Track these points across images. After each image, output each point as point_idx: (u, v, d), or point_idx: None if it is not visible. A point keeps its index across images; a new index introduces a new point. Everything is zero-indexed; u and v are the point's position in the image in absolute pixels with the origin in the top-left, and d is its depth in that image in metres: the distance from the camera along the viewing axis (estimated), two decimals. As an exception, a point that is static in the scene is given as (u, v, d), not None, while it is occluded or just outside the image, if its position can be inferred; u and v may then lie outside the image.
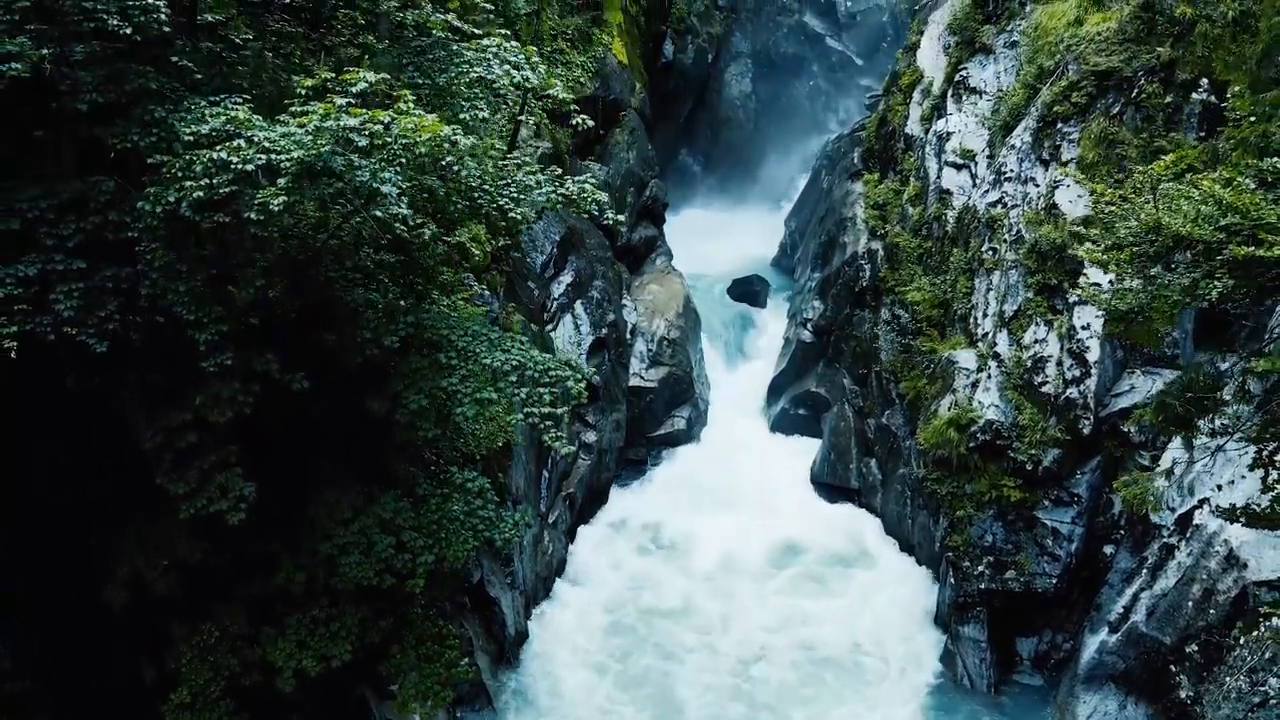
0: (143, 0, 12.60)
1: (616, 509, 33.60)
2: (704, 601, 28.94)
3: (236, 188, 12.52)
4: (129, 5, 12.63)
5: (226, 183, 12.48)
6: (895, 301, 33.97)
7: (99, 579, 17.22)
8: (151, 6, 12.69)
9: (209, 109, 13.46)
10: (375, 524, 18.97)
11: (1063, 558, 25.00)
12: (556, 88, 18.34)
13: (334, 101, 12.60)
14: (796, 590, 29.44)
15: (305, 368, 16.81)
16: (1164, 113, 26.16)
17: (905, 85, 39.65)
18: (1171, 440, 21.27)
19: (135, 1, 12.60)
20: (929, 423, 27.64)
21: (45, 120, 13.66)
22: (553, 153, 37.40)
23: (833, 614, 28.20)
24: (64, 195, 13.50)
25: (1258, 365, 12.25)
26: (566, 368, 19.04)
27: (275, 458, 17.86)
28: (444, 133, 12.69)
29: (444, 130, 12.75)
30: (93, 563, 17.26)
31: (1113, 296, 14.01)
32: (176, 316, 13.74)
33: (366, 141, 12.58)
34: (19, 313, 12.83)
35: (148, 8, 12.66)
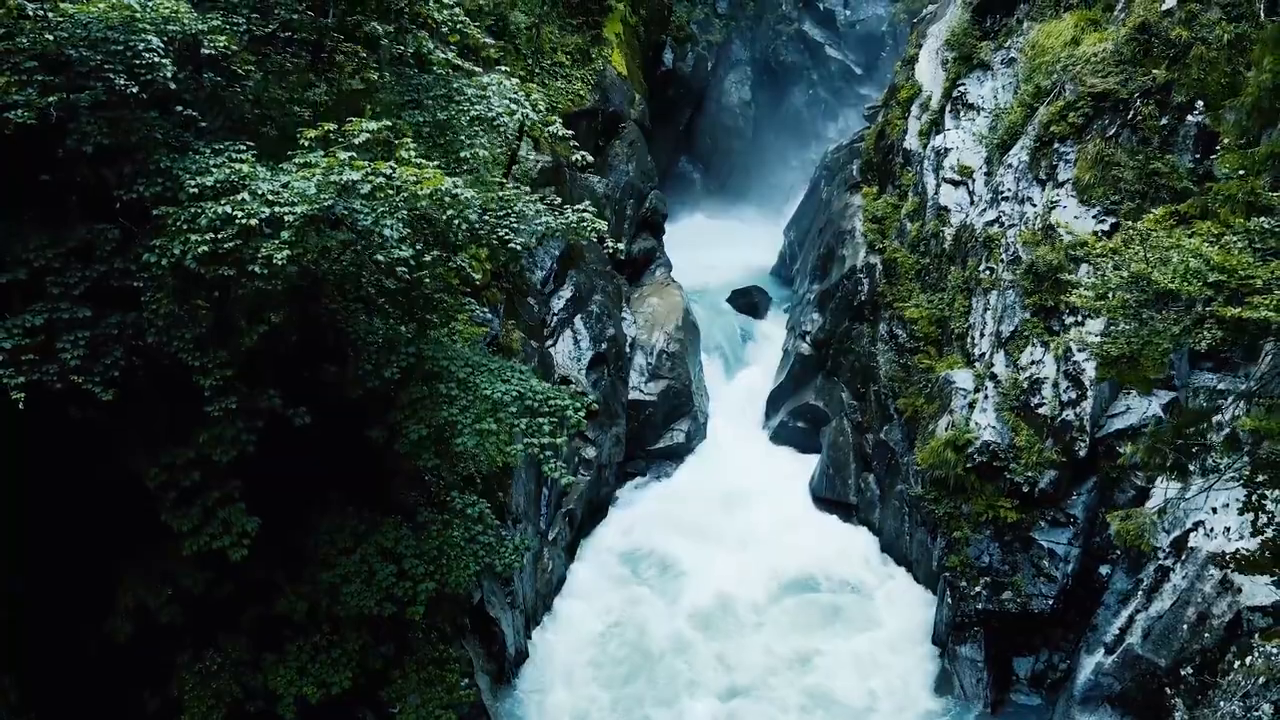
0: (149, 59, 12.76)
1: (616, 525, 33.69)
2: (701, 629, 28.83)
3: (241, 242, 12.70)
4: (136, 65, 12.80)
5: (231, 237, 12.65)
6: (893, 317, 34.14)
7: (103, 610, 17.36)
8: (157, 65, 12.84)
9: (213, 158, 13.63)
10: (376, 552, 19.18)
11: (1059, 579, 25.15)
12: (556, 124, 18.49)
13: (337, 155, 12.75)
14: (794, 616, 29.38)
15: (307, 399, 16.99)
16: (1159, 135, 26.30)
17: (904, 99, 39.82)
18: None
19: (142, 60, 12.76)
20: (926, 443, 27.81)
21: (51, 164, 13.83)
22: (553, 166, 37.61)
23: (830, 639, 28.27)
24: (70, 242, 13.68)
25: (1245, 423, 12.40)
26: (566, 396, 19.21)
27: (276, 487, 18.02)
28: (445, 186, 12.85)
29: (445, 183, 12.89)
30: (97, 594, 17.41)
31: (1103, 341, 14.17)
32: (181, 361, 13.91)
33: (369, 189, 12.73)
34: (26, 363, 13.03)
35: (154, 66, 12.81)
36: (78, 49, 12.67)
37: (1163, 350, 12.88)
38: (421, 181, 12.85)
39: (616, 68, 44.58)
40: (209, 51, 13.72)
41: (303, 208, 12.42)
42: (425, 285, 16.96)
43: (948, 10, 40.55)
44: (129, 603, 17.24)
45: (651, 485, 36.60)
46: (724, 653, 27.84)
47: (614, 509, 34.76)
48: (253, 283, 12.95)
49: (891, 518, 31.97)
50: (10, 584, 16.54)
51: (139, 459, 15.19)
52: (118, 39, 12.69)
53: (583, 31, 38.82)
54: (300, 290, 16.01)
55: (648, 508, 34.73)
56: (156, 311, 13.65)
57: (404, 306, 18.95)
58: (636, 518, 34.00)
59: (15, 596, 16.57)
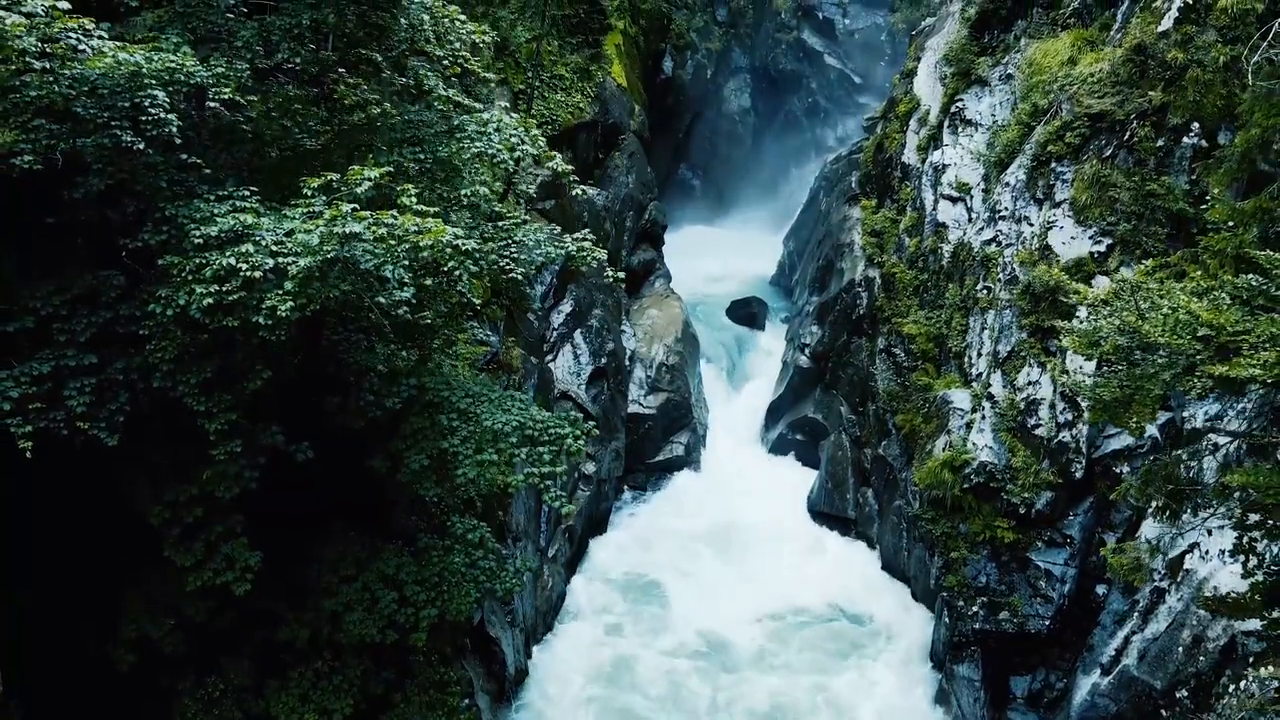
0: (155, 114, 12.90)
1: (615, 542, 33.78)
2: (697, 658, 28.72)
3: (245, 293, 12.85)
4: (142, 120, 12.95)
5: (236, 289, 12.80)
6: (892, 332, 34.29)
7: (106, 635, 17.51)
8: (164, 120, 12.99)
9: (217, 206, 13.77)
10: (378, 579, 19.34)
11: (1055, 600, 25.29)
12: (556, 160, 18.62)
13: (340, 207, 12.90)
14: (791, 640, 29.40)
15: (308, 429, 17.14)
16: (1156, 156, 26.42)
17: (902, 113, 39.96)
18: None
19: (148, 115, 12.91)
20: (924, 463, 27.96)
21: (57, 207, 13.97)
22: (552, 179, 37.75)
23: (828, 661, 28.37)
24: (76, 289, 13.83)
25: (1233, 478, 12.56)
26: (565, 424, 19.33)
27: (278, 518, 18.17)
28: (446, 238, 12.99)
29: (446, 235, 13.03)
30: (101, 623, 17.55)
31: (1096, 383, 14.32)
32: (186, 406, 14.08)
33: (372, 240, 12.88)
34: (34, 411, 13.19)
35: (160, 121, 12.96)
36: (84, 105, 12.82)
37: (1154, 396, 13.05)
38: (424, 232, 13.00)
39: (616, 79, 44.72)
40: (214, 104, 13.86)
41: (306, 260, 12.57)
42: (426, 317, 17.08)
43: (946, 24, 40.73)
44: (132, 634, 17.38)
45: (651, 499, 36.77)
46: (720, 676, 27.92)
47: (614, 523, 34.93)
48: (257, 333, 13.11)
49: (890, 533, 32.12)
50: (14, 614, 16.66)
51: (143, 495, 15.35)
52: (124, 94, 12.84)
53: (582, 50, 38.87)
54: (303, 324, 16.17)
55: (647, 524, 34.87)
56: (162, 358, 13.81)
57: (405, 335, 19.10)
58: (635, 534, 34.15)
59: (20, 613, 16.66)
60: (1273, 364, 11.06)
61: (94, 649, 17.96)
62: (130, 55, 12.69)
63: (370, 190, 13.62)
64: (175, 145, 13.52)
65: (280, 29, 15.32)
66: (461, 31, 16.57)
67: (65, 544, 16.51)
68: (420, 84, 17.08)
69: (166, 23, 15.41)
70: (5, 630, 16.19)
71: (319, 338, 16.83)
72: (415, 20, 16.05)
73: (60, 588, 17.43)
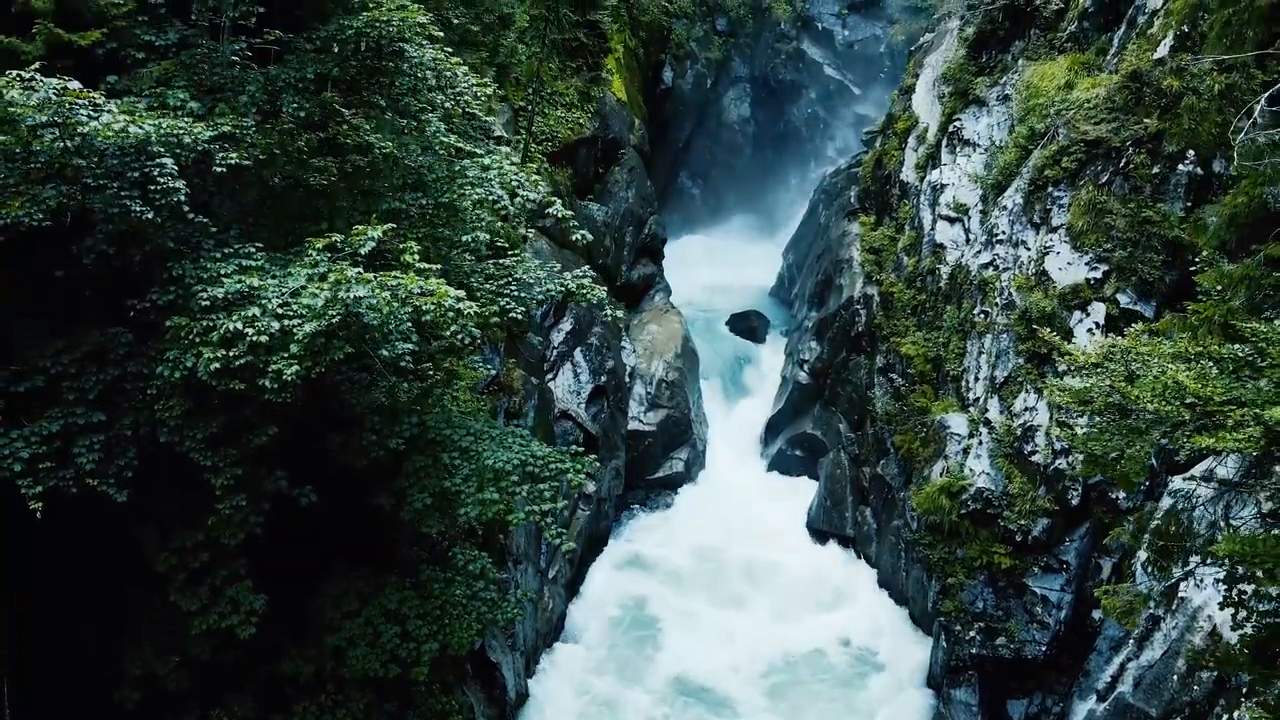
0: (164, 183, 13.10)
1: (614, 563, 33.92)
2: (693, 692, 28.73)
3: (251, 358, 13.06)
4: (151, 190, 13.15)
5: (242, 354, 13.02)
6: (890, 351, 34.51)
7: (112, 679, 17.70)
8: (172, 189, 13.19)
9: (224, 265, 13.97)
10: (381, 614, 19.54)
11: (1052, 625, 25.52)
12: (556, 205, 18.81)
13: (345, 272, 13.11)
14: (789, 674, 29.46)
15: (311, 469, 17.35)
16: (1151, 183, 26.62)
17: (900, 130, 40.15)
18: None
19: (157, 185, 13.10)
20: (921, 488, 28.17)
21: (65, 261, 14.17)
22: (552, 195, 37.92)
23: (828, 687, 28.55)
24: (85, 346, 14.03)
25: (1219, 548, 12.76)
26: (566, 458, 19.50)
27: (281, 557, 18.37)
28: (449, 302, 13.20)
29: (449, 299, 13.23)
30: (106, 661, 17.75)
31: (1088, 439, 14.53)
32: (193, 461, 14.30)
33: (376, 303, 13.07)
34: (44, 470, 13.41)
35: (168, 190, 13.16)
36: (94, 176, 13.01)
37: (1145, 453, 13.27)
38: (427, 294, 13.20)
39: (616, 94, 44.90)
40: (220, 169, 14.05)
41: (311, 325, 12.78)
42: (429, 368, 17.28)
43: (944, 40, 40.90)
44: (137, 671, 17.58)
45: (651, 516, 36.96)
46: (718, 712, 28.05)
47: (614, 542, 35.08)
48: (263, 395, 13.31)
49: (888, 553, 32.32)
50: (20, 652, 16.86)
51: (151, 543, 15.56)
52: (133, 163, 13.05)
53: (582, 73, 39.05)
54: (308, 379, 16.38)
55: (645, 545, 34.97)
56: (169, 415, 14.01)
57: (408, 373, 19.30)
58: (634, 556, 34.24)
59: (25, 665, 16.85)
60: (1256, 438, 11.27)
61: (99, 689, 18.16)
62: (140, 127, 12.88)
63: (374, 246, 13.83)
64: (183, 211, 13.70)
65: (284, 81, 15.52)
66: (462, 85, 16.75)
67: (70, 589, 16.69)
68: (422, 129, 17.25)
69: (172, 75, 15.60)
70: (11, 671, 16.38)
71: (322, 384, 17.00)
72: (419, 72, 16.23)
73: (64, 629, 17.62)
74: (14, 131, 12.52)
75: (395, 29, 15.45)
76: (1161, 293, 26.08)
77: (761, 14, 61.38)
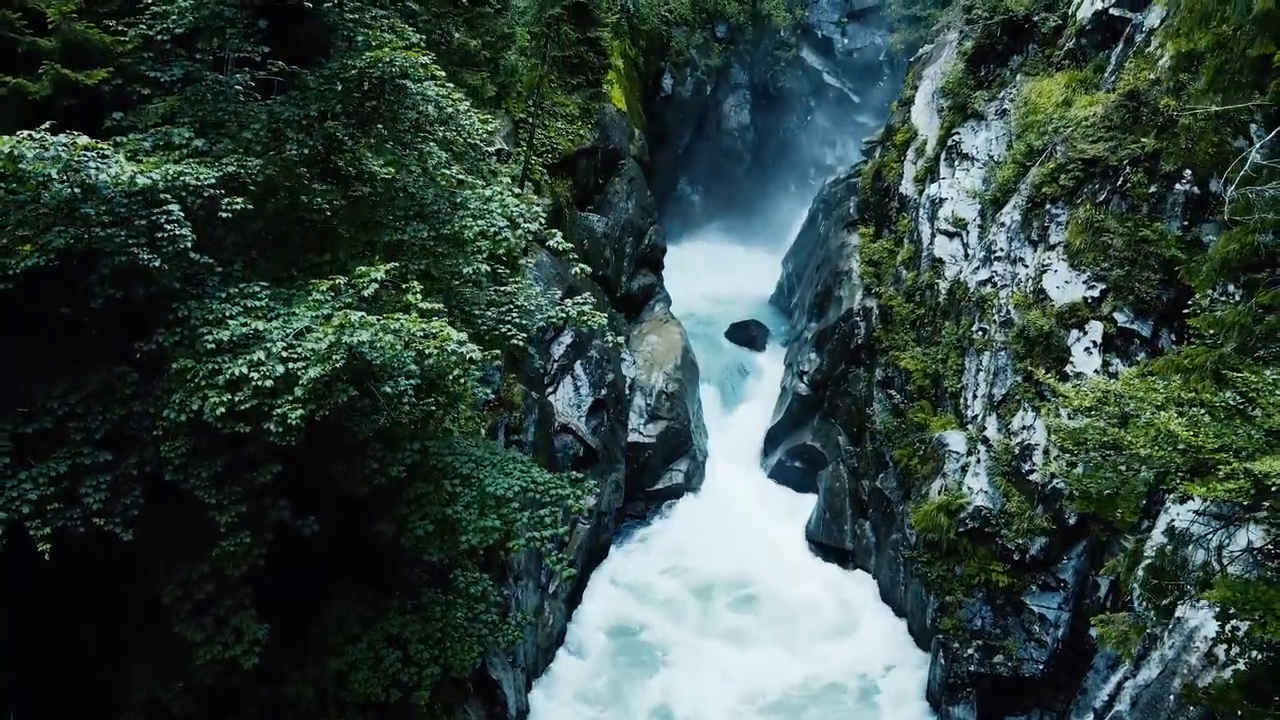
0: (170, 230, 13.26)
1: (614, 575, 34.05)
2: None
3: (256, 401, 13.21)
4: (159, 238, 13.30)
5: (247, 398, 13.17)
6: (889, 364, 34.68)
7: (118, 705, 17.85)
8: (180, 237, 13.35)
9: (229, 306, 14.12)
10: (382, 638, 19.66)
11: (1049, 644, 25.69)
12: (556, 237, 18.97)
13: (349, 317, 13.25)
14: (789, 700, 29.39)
15: (314, 498, 17.49)
16: (1148, 202, 26.78)
17: (900, 143, 40.34)
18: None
19: (164, 232, 13.26)
20: (920, 505, 28.34)
21: (71, 298, 14.31)
22: (553, 209, 38.11)
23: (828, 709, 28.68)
24: (91, 385, 14.16)
25: (1211, 595, 12.93)
26: (567, 484, 19.66)
27: (283, 579, 18.51)
28: (451, 346, 13.34)
29: (451, 344, 13.37)
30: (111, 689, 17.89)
31: (1082, 477, 14.68)
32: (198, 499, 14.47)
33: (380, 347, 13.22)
34: (52, 512, 13.57)
35: (175, 237, 13.33)
36: (102, 225, 13.17)
37: (1139, 494, 13.43)
38: (430, 337, 13.35)
39: (616, 104, 45.07)
40: (226, 215, 14.22)
41: (315, 369, 12.93)
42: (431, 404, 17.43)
43: (943, 52, 41.07)
44: (142, 699, 17.73)
45: (650, 530, 37.01)
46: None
47: (614, 554, 35.20)
48: (268, 438, 13.47)
49: (887, 566, 32.47)
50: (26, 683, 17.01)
51: (157, 576, 15.71)
52: (140, 212, 13.21)
53: (583, 90, 39.19)
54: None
55: (644, 561, 34.97)
56: (174, 454, 14.17)
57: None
58: (633, 573, 34.16)
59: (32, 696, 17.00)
60: (1246, 489, 11.43)
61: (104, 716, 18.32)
62: (147, 176, 13.03)
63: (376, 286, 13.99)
64: (189, 257, 13.87)
65: (289, 120, 15.67)
66: (465, 121, 16.90)
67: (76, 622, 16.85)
68: (424, 160, 17.40)
69: (177, 110, 15.75)
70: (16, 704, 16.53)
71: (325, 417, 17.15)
72: (421, 105, 16.37)
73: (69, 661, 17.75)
74: (24, 185, 12.67)
75: (398, 68, 15.60)
76: (1159, 311, 26.24)
77: (761, 21, 61.54)
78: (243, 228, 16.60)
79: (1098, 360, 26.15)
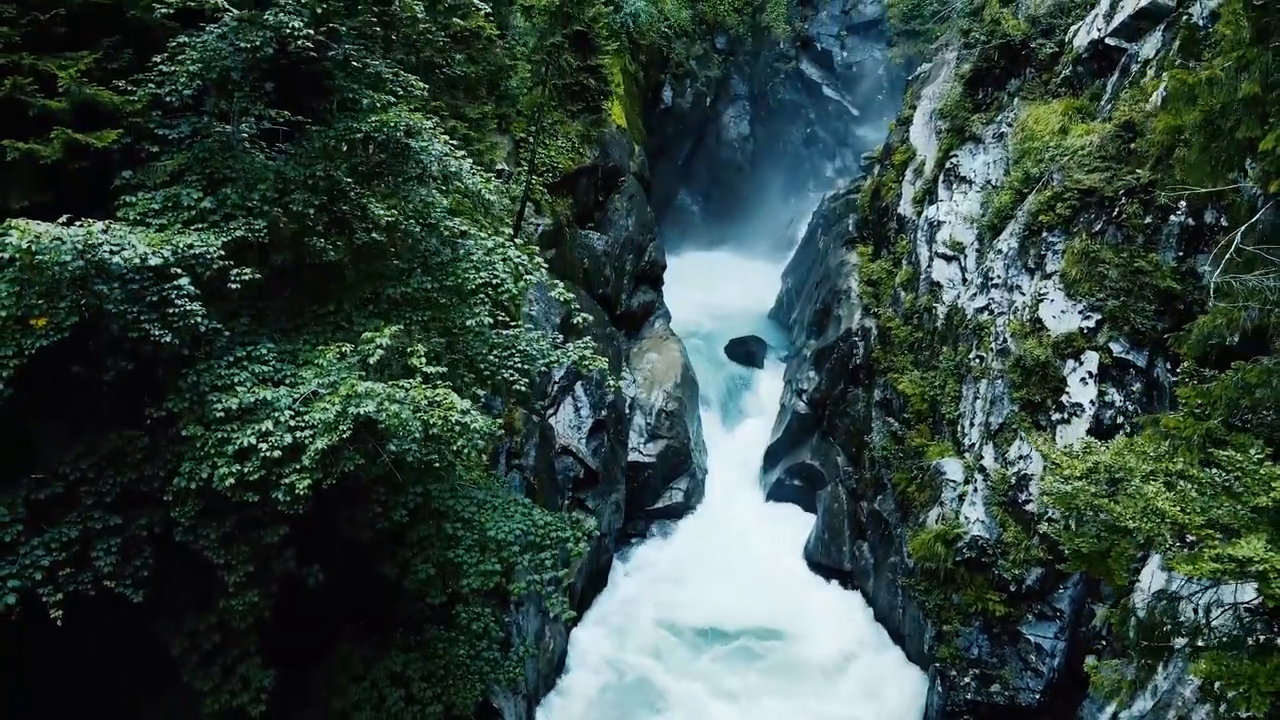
0: (181, 305, 13.52)
1: (614, 598, 34.23)
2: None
3: (265, 472, 13.48)
4: (170, 314, 13.55)
5: (256, 469, 13.44)
6: (888, 386, 34.89)
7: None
8: (191, 312, 13.61)
9: (236, 372, 14.39)
10: (386, 677, 19.93)
11: (1045, 673, 25.95)
12: (558, 288, 19.20)
13: (355, 388, 13.51)
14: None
15: (319, 544, 17.76)
16: (1144, 233, 26.99)
17: (898, 163, 40.55)
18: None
19: (175, 308, 13.51)
20: (917, 534, 28.58)
21: (82, 357, 14.57)
22: (554, 229, 38.34)
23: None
24: (103, 449, 14.44)
25: (1195, 669, 13.18)
26: (567, 526, 19.92)
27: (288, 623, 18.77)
28: (455, 416, 13.60)
29: (455, 413, 13.62)
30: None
31: (1075, 536, 14.93)
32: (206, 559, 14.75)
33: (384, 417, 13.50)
34: (64, 577, 13.84)
35: (187, 312, 13.59)
36: (115, 302, 13.42)
37: (1129, 555, 13.69)
38: (435, 405, 13.61)
39: (616, 120, 45.25)
40: (235, 286, 14.47)
41: (322, 440, 13.20)
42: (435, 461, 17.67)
43: (941, 71, 41.30)
44: (152, 741, 18.01)
45: (650, 549, 37.21)
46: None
47: (614, 574, 35.39)
48: (276, 506, 13.74)
49: (885, 589, 32.71)
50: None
51: (165, 629, 15.99)
52: (151, 289, 13.47)
53: (583, 116, 39.41)
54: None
55: (645, 578, 35.18)
56: (183, 517, 14.43)
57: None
58: (634, 591, 34.38)
59: None
60: (1233, 571, 11.69)
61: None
62: (159, 256, 13.27)
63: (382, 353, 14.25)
64: (199, 331, 14.14)
65: (295, 180, 15.90)
66: (468, 180, 17.12)
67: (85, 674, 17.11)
68: (427, 213, 17.64)
69: (185, 167, 15.99)
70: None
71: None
72: (423, 158, 16.62)
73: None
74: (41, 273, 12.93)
75: (402, 131, 15.86)
76: (1154, 341, 26.48)
77: (761, 33, 61.81)
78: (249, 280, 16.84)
79: (1093, 391, 26.42)
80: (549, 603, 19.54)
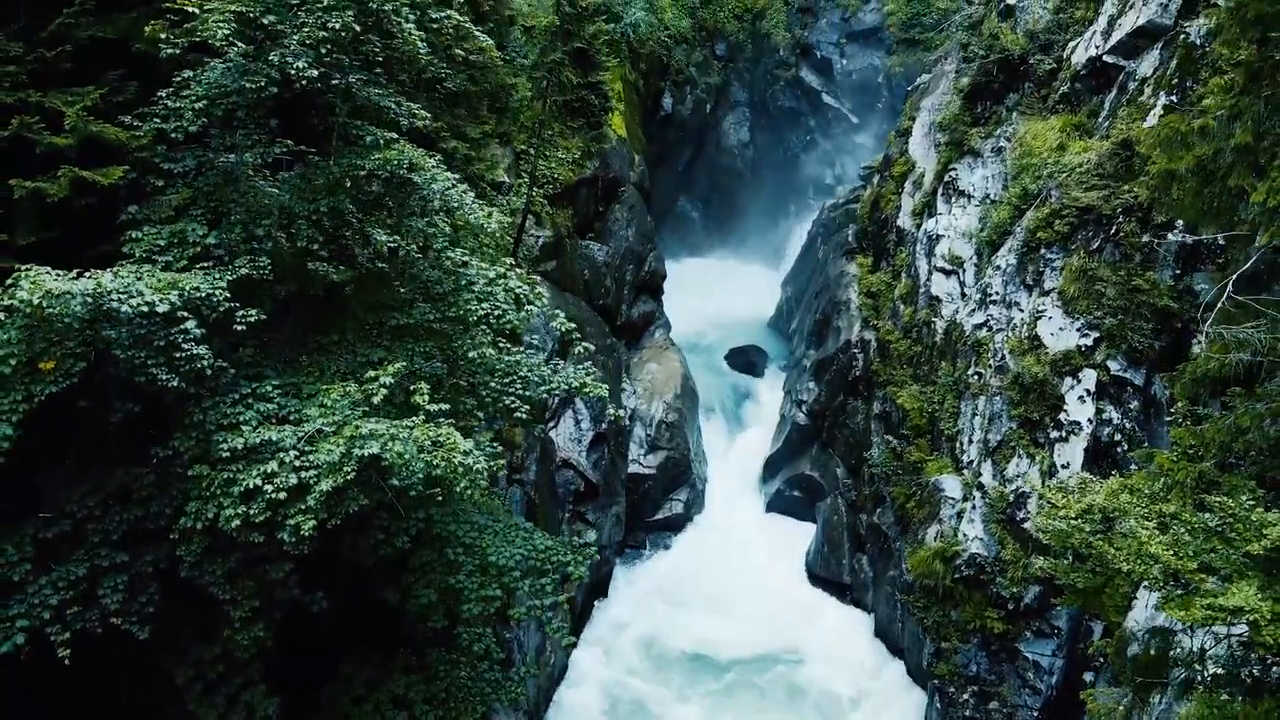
0: (188, 349, 13.68)
1: (613, 613, 34.37)
2: None
3: (270, 513, 13.64)
4: (176, 357, 13.71)
5: (261, 511, 13.60)
6: (887, 399, 35.06)
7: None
8: (197, 355, 13.77)
9: (241, 411, 14.55)
10: (388, 700, 20.09)
11: (1043, 691, 26.10)
12: (559, 318, 19.34)
13: (360, 429, 13.68)
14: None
15: (321, 571, 17.91)
16: (1141, 252, 27.13)
17: (898, 174, 40.71)
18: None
19: (182, 352, 13.67)
20: (916, 550, 28.74)
21: (89, 392, 14.71)
22: (554, 240, 38.50)
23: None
24: (110, 486, 14.61)
25: (1185, 714, 13.34)
26: (568, 551, 20.07)
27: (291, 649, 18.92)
28: (458, 458, 13.75)
29: (458, 455, 13.77)
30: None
31: (1071, 571, 15.09)
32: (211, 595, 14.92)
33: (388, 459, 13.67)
34: (71, 616, 14.01)
35: (194, 356, 13.75)
36: (122, 348, 13.57)
37: (1124, 594, 13.85)
38: (439, 446, 13.77)
39: (616, 130, 45.35)
40: (240, 327, 14.62)
41: (327, 482, 13.36)
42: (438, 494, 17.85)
43: (940, 83, 41.44)
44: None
45: (649, 562, 37.35)
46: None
47: (614, 585, 35.53)
48: (281, 546, 13.90)
49: (884, 603, 32.88)
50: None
51: (170, 659, 16.15)
52: (159, 334, 13.62)
53: (584, 132, 39.54)
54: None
55: (645, 591, 35.29)
56: (189, 554, 14.59)
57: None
58: (633, 603, 34.52)
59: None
60: (1224, 619, 11.86)
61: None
62: (166, 302, 13.41)
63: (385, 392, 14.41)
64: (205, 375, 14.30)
65: (300, 215, 16.05)
66: (471, 215, 17.25)
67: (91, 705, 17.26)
68: (429, 245, 17.80)
69: (190, 202, 16.14)
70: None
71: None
72: (426, 191, 16.77)
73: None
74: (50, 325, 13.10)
75: (405, 168, 16.02)
76: (1151, 360, 26.64)
77: (760, 40, 61.91)
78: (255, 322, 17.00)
79: (1091, 409, 26.57)
80: (549, 628, 19.73)
